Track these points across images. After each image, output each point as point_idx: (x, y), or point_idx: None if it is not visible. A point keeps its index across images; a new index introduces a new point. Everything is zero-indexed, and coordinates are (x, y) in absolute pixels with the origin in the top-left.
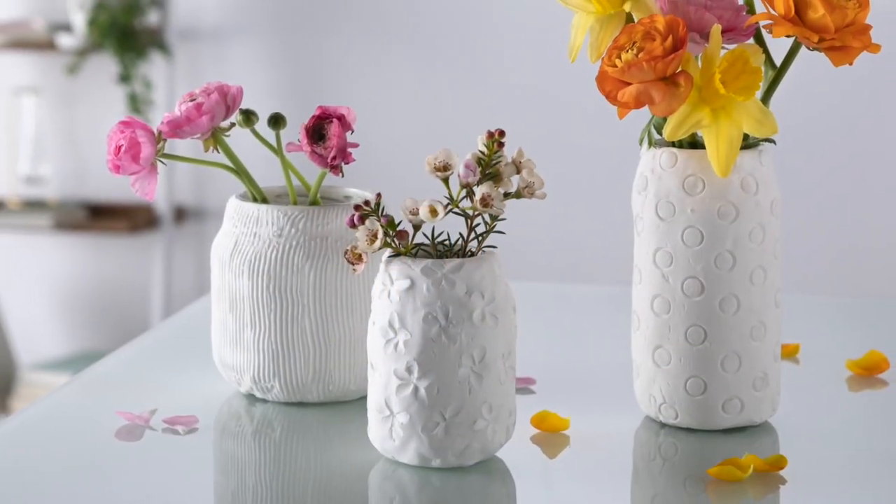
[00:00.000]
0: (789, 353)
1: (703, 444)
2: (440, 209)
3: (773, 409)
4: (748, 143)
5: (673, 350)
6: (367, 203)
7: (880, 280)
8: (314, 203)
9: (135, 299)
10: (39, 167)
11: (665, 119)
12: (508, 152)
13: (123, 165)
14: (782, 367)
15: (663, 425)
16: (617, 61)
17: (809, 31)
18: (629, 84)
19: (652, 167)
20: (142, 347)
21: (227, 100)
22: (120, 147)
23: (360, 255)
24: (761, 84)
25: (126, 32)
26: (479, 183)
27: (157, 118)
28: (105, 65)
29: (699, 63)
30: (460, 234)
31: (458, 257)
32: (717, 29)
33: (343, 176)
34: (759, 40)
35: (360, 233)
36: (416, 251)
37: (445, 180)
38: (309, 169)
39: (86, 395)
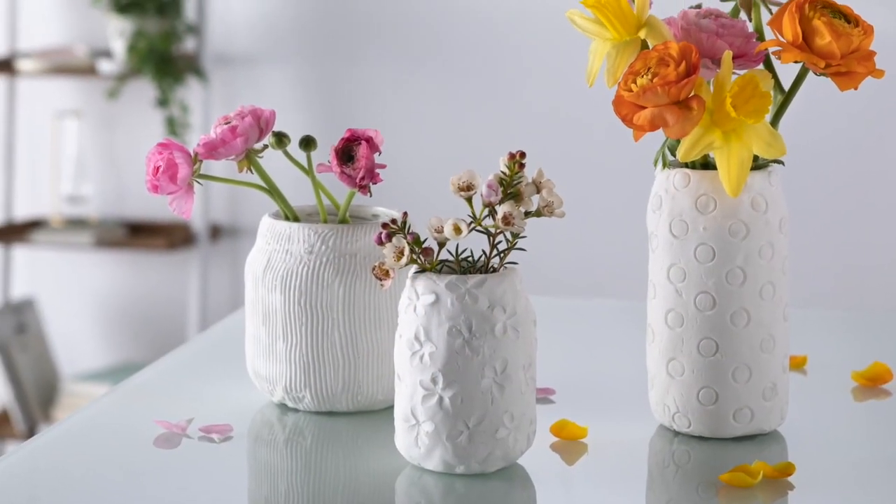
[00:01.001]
0: (797, 364)
1: (715, 452)
2: (464, 227)
3: (781, 418)
4: (758, 164)
5: (686, 362)
6: (394, 221)
7: (884, 294)
8: (343, 221)
9: (172, 313)
10: (81, 187)
11: (678, 141)
12: (529, 173)
13: (161, 185)
14: (790, 378)
15: (677, 434)
16: (633, 86)
17: (816, 57)
18: (644, 108)
19: (666, 187)
20: (179, 359)
21: (261, 123)
22: (158, 168)
23: (388, 271)
24: (770, 107)
25: (164, 58)
26: (501, 202)
27: (194, 140)
28: (144, 89)
29: (711, 88)
30: (483, 251)
31: (480, 273)
32: (728, 55)
33: (371, 195)
34: (769, 66)
35: (388, 250)
36: (440, 267)
37: (469, 200)
38: (338, 189)
39: (125, 405)
